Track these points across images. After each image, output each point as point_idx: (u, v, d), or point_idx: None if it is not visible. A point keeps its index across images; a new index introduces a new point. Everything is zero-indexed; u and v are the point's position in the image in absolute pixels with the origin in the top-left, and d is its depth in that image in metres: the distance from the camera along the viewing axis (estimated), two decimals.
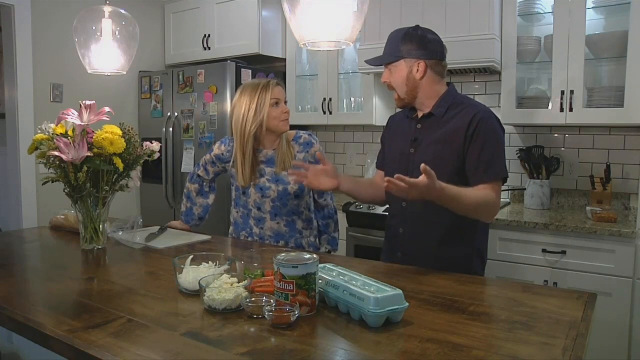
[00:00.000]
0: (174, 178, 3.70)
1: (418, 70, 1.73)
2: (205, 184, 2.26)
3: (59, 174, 1.72)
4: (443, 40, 1.80)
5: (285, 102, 2.05)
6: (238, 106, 2.01)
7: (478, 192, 1.62)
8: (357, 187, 1.90)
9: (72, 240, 2.01)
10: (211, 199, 2.29)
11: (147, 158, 1.90)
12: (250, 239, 2.11)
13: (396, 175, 1.40)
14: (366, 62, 1.84)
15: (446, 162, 1.68)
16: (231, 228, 2.20)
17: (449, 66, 1.81)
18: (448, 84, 1.81)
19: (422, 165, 1.40)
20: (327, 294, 1.26)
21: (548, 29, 2.74)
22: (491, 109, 1.79)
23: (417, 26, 1.78)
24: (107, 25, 2.10)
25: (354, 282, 1.23)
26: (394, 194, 1.46)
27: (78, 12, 2.12)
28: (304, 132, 2.14)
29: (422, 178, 1.40)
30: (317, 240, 2.18)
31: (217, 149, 2.17)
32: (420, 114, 1.80)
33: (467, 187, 1.63)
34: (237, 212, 2.15)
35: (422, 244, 1.76)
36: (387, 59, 1.77)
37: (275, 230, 2.07)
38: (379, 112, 3.32)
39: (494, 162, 1.66)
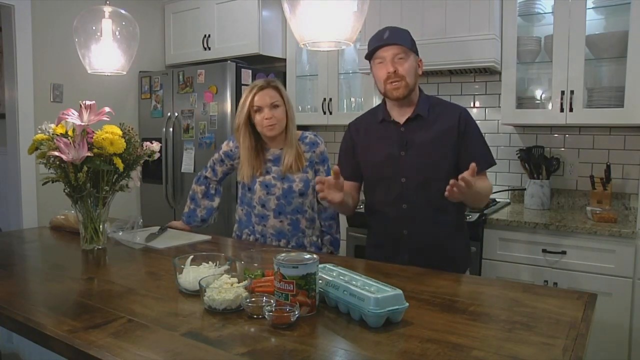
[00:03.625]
0: (174, 178, 3.70)
1: (419, 67, 1.82)
2: (211, 185, 2.26)
3: (59, 174, 1.72)
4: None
5: (276, 106, 2.00)
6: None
7: (485, 183, 1.76)
8: (347, 197, 1.89)
9: (72, 240, 2.01)
10: (216, 202, 2.28)
11: (147, 158, 1.90)
12: (252, 236, 2.11)
13: (460, 177, 1.48)
14: (385, 39, 1.75)
15: (444, 160, 1.78)
16: (235, 226, 2.21)
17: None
18: None
19: (473, 165, 1.50)
20: (327, 294, 1.26)
21: (548, 29, 2.74)
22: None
23: None
24: (107, 25, 2.10)
25: (354, 282, 1.23)
26: (455, 197, 1.54)
27: (78, 12, 2.12)
28: (309, 132, 2.18)
29: (469, 174, 1.49)
30: (320, 240, 2.19)
31: (226, 145, 2.19)
32: (402, 118, 1.82)
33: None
34: (242, 210, 2.16)
35: (429, 242, 1.81)
36: (409, 45, 1.78)
37: (277, 228, 2.07)
38: None
39: (488, 153, 1.82)
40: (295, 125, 2.10)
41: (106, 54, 2.12)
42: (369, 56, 1.82)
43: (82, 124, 1.69)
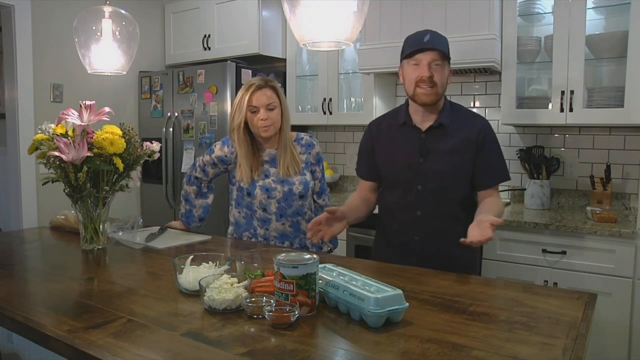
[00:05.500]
0: (174, 178, 3.70)
1: (449, 77, 1.80)
2: (203, 184, 2.25)
3: (59, 174, 1.72)
4: None
5: (271, 108, 1.98)
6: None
7: (495, 206, 1.78)
8: (357, 213, 1.91)
9: (72, 240, 2.01)
10: (210, 198, 2.28)
11: (147, 158, 1.90)
12: (253, 239, 2.11)
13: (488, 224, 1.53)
14: (426, 42, 1.74)
15: (463, 170, 1.80)
16: (231, 228, 2.20)
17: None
18: None
19: (497, 220, 1.55)
20: (327, 294, 1.26)
21: (548, 29, 2.74)
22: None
23: None
24: (107, 25, 2.10)
25: (354, 282, 1.23)
26: (483, 242, 1.52)
27: (78, 12, 2.12)
28: (304, 133, 2.18)
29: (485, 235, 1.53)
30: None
31: (219, 150, 2.13)
32: (424, 124, 1.82)
33: (477, 190, 1.83)
34: (239, 212, 2.14)
35: (439, 248, 1.82)
36: (447, 53, 1.77)
37: (280, 230, 2.07)
38: (379, 112, 3.31)
39: (502, 168, 1.85)
40: (289, 127, 2.08)
41: (106, 54, 2.11)
42: (406, 56, 1.78)
43: (82, 124, 1.69)
